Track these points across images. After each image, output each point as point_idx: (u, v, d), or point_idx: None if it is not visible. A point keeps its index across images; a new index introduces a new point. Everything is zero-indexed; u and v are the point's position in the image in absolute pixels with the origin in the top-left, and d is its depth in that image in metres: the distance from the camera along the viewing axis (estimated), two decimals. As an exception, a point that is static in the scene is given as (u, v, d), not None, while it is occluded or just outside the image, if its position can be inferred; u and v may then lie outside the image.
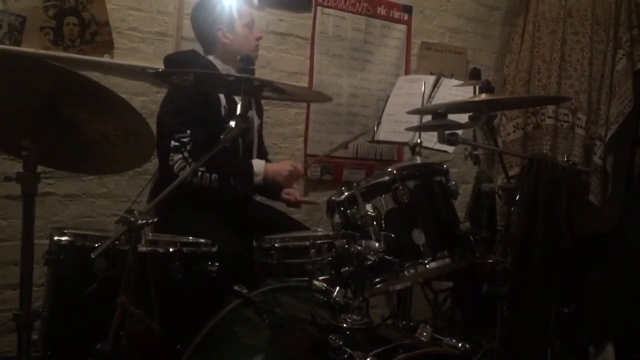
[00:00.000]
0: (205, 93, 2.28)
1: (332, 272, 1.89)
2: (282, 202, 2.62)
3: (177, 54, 2.56)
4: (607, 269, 2.78)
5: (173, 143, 2.19)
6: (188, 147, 2.18)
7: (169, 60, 2.43)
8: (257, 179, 2.31)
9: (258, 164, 2.34)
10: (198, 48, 2.50)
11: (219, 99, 2.32)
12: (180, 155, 2.18)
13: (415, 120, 2.64)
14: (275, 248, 2.04)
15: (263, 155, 2.62)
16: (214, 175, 2.22)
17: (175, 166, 2.17)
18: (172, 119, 2.26)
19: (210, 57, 2.44)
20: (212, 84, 2.06)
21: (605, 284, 2.73)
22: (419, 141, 2.28)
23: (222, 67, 2.42)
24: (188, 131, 2.20)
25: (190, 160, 2.17)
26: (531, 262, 1.87)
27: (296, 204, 2.64)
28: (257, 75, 1.72)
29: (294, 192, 2.63)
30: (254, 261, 2.11)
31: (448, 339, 1.52)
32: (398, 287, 2.16)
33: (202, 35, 2.48)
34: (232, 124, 1.61)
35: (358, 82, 3.41)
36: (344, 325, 1.54)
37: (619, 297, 2.66)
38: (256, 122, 2.57)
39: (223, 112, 2.31)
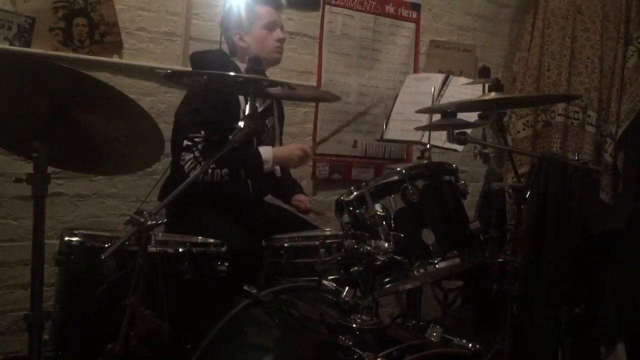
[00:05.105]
0: (224, 95, 2.27)
1: (342, 271, 1.89)
2: (292, 206, 2.62)
3: (201, 52, 2.52)
4: (618, 268, 2.76)
5: (185, 142, 2.20)
6: (200, 147, 2.18)
7: (192, 58, 2.46)
8: (267, 166, 2.31)
9: (265, 151, 2.32)
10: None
11: (238, 102, 2.29)
12: (192, 155, 2.18)
13: (424, 118, 2.63)
14: (285, 248, 2.04)
15: None
16: (225, 170, 2.21)
17: (186, 166, 2.17)
18: (188, 118, 2.27)
19: (235, 59, 2.43)
20: (222, 85, 2.05)
21: (616, 284, 2.71)
22: (428, 146, 2.28)
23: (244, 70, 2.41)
24: (202, 132, 2.20)
25: (200, 160, 2.17)
26: (541, 262, 1.85)
27: (306, 212, 2.63)
28: (266, 74, 1.72)
29: (305, 199, 2.63)
30: (263, 261, 2.10)
31: (458, 339, 1.52)
32: (407, 286, 2.16)
33: (226, 40, 2.51)
34: (241, 124, 1.61)
35: (366, 81, 3.40)
36: (354, 325, 1.54)
37: (631, 297, 2.64)
38: (277, 129, 2.57)
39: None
